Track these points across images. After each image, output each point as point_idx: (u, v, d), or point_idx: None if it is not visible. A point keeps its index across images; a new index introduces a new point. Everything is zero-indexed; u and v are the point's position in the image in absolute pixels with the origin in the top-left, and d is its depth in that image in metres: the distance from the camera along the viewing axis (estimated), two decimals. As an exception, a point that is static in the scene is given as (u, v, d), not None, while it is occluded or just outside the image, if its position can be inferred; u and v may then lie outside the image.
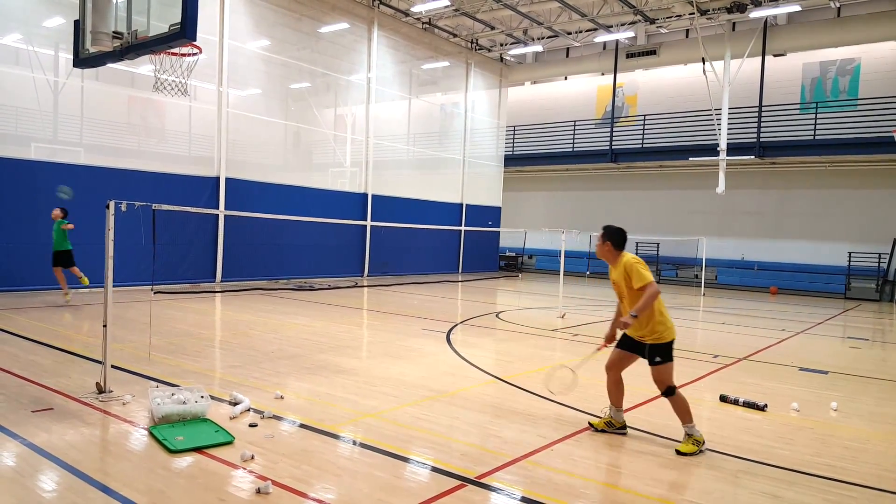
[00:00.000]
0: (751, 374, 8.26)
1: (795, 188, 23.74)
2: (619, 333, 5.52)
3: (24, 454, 4.44)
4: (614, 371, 5.53)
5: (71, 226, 11.79)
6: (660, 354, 5.16)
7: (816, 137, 22.14)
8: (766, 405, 6.45)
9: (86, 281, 12.00)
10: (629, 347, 5.41)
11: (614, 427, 5.48)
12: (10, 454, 4.43)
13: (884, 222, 21.82)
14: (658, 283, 5.34)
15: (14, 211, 13.04)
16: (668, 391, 5.16)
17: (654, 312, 5.13)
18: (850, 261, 21.98)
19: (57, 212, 11.79)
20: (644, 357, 5.29)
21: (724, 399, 6.71)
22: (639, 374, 7.95)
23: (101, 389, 5.92)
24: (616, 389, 5.51)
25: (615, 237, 5.36)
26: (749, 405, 6.49)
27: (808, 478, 4.63)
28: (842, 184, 22.76)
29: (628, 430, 5.52)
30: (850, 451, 5.29)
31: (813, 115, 22.52)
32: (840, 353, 10.84)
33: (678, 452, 4.99)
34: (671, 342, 5.20)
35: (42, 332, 8.94)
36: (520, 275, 27.15)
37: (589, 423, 5.63)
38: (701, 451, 5.01)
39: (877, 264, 21.67)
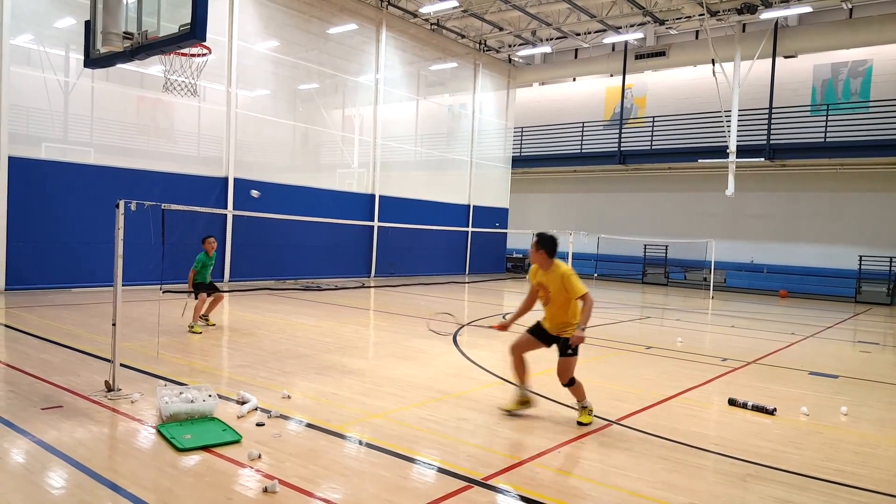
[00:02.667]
0: (760, 378, 8.21)
1: (806, 191, 23.60)
2: (514, 326, 6.25)
3: (33, 451, 4.46)
4: (518, 352, 6.02)
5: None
6: (573, 348, 5.65)
7: (827, 140, 22.00)
8: (775, 409, 6.41)
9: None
10: (540, 337, 5.90)
11: (526, 405, 5.98)
12: (20, 451, 4.46)
13: (895, 226, 21.66)
14: (667, 285, 5.46)
15: (25, 210, 13.13)
16: (570, 382, 5.69)
17: (573, 310, 5.65)
18: (860, 264, 21.82)
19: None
20: (549, 346, 5.85)
21: (732, 403, 6.68)
22: (642, 377, 7.94)
23: (109, 388, 5.94)
24: (520, 367, 6.00)
25: (549, 246, 5.81)
26: (758, 409, 6.45)
27: (817, 482, 4.59)
28: (853, 187, 22.61)
29: (537, 404, 5.87)
30: (860, 456, 5.25)
31: (824, 118, 22.38)
32: (850, 357, 10.77)
33: (579, 423, 5.62)
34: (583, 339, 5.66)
35: (52, 331, 8.99)
36: (527, 276, 27.07)
37: (504, 410, 5.96)
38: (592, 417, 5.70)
39: (888, 268, 21.50)
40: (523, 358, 6.00)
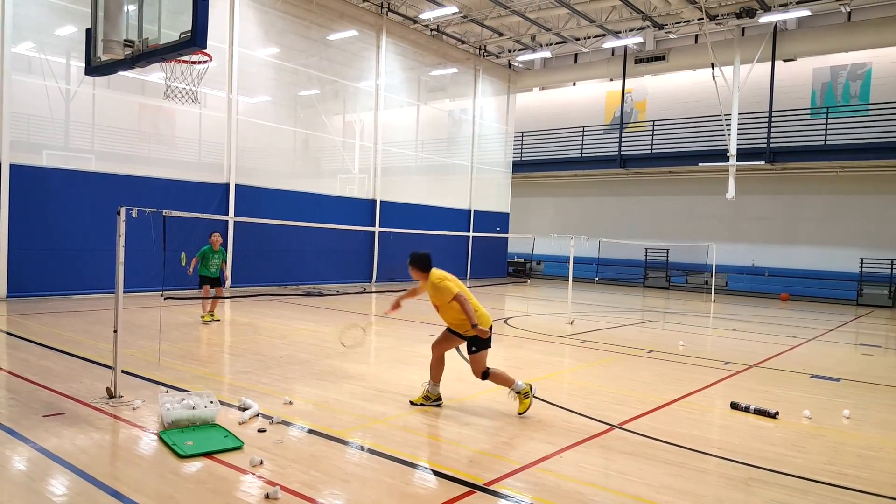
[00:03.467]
0: (762, 382, 8.20)
1: (806, 194, 23.61)
2: (402, 305, 6.77)
3: (35, 458, 4.46)
4: (439, 349, 6.25)
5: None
6: (475, 344, 5.97)
7: (827, 143, 22.01)
8: (777, 413, 6.40)
9: None
10: (456, 334, 6.17)
11: (431, 400, 6.21)
12: (22, 459, 4.46)
13: (896, 228, 21.67)
14: (668, 289, 5.42)
15: (26, 218, 13.15)
16: (485, 375, 5.99)
17: (462, 311, 5.87)
18: (862, 267, 21.80)
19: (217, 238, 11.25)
20: (464, 341, 6.10)
21: (734, 406, 6.66)
22: (644, 381, 7.93)
23: (111, 394, 5.94)
24: (437, 366, 6.23)
25: (419, 264, 6.27)
26: (760, 412, 6.44)
27: (820, 486, 4.58)
28: (853, 189, 22.61)
29: (443, 405, 5.99)
30: (863, 459, 5.24)
31: (824, 121, 22.40)
32: (852, 360, 10.75)
33: (520, 414, 5.92)
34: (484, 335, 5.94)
35: (53, 338, 9.00)
36: (528, 281, 27.10)
37: (410, 401, 6.27)
38: (530, 395, 5.95)
39: (889, 270, 21.49)
40: (442, 356, 6.26)
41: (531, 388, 6.03)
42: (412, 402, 6.24)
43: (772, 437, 5.75)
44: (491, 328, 6.09)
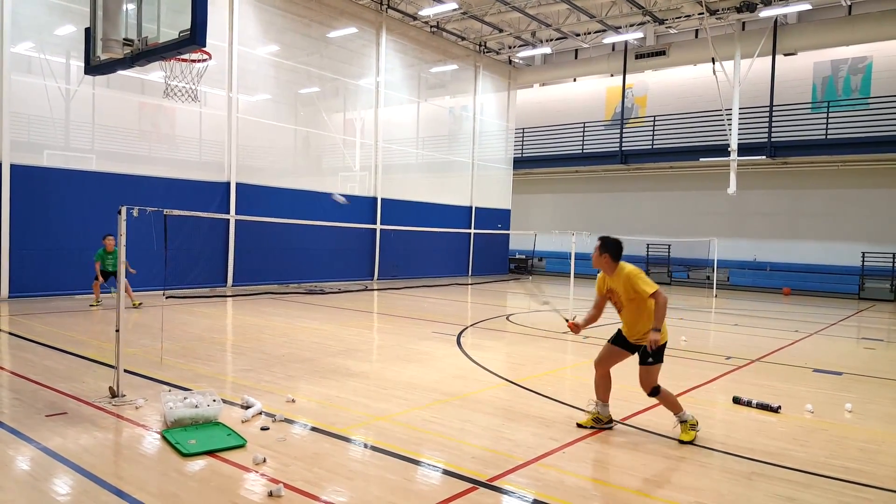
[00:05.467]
0: (764, 376, 8.20)
1: (808, 188, 23.56)
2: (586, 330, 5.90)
3: (38, 458, 4.47)
4: (603, 366, 5.69)
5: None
6: (652, 355, 5.26)
7: (828, 137, 21.97)
8: (779, 407, 6.40)
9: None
10: (622, 345, 5.57)
11: (602, 423, 5.61)
12: (25, 458, 4.47)
13: (898, 222, 21.64)
14: (670, 284, 5.36)
15: (28, 218, 13.16)
16: (654, 391, 5.32)
17: (648, 313, 5.26)
18: (863, 261, 21.77)
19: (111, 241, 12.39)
20: (633, 353, 5.50)
21: (737, 401, 6.66)
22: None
23: (114, 394, 5.95)
24: (603, 384, 5.66)
25: (612, 250, 5.43)
26: (762, 407, 6.44)
27: (823, 480, 4.58)
28: (855, 183, 22.57)
29: (616, 426, 5.49)
30: (866, 453, 5.24)
31: (825, 115, 22.35)
32: (854, 354, 10.74)
33: (681, 442, 5.20)
34: (664, 345, 5.30)
35: (56, 338, 9.01)
36: (530, 277, 27.10)
37: (577, 423, 5.68)
38: (698, 431, 5.29)
39: (891, 264, 21.44)
40: (608, 373, 5.65)
41: (697, 423, 5.35)
42: (579, 425, 5.60)
43: (774, 431, 5.75)
44: (665, 344, 5.33)
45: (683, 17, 22.40)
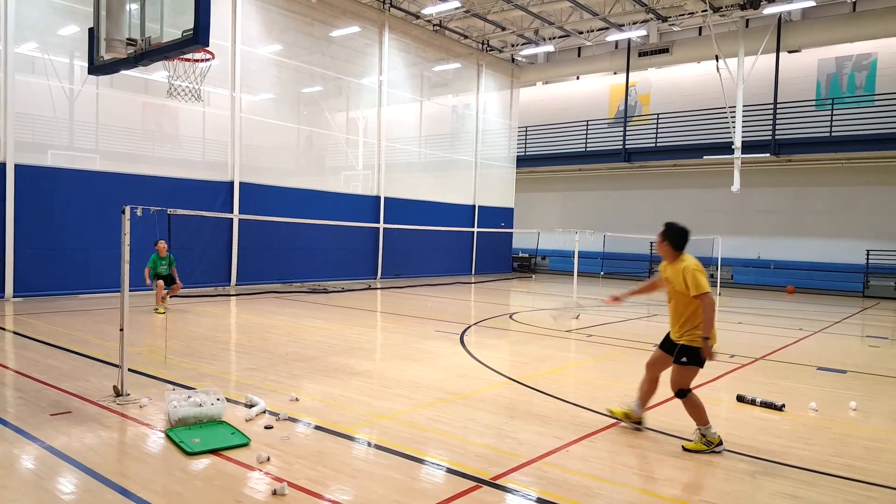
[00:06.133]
0: (768, 374, 8.18)
1: (812, 186, 23.49)
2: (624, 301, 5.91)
3: (43, 457, 4.48)
4: (651, 370, 5.53)
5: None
6: (687, 356, 5.10)
7: (833, 134, 21.90)
8: (783, 405, 6.39)
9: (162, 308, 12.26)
10: (668, 348, 5.38)
11: (630, 420, 5.55)
12: (30, 457, 4.49)
13: (902, 219, 21.56)
14: None
15: (32, 218, 13.20)
16: (680, 393, 5.16)
17: (694, 311, 5.08)
18: (868, 258, 21.71)
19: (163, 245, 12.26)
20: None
21: (741, 399, 6.65)
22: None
23: (118, 393, 5.97)
24: (648, 388, 5.51)
25: (674, 238, 5.27)
26: (766, 405, 6.43)
27: (827, 478, 4.57)
28: (859, 181, 22.49)
29: (644, 430, 5.48)
30: (870, 451, 5.22)
31: (829, 112, 22.28)
32: (858, 352, 10.71)
33: (683, 448, 5.04)
34: (700, 349, 5.08)
35: (60, 337, 9.04)
36: (533, 276, 27.08)
37: (609, 410, 5.72)
38: (712, 451, 4.97)
39: (896, 262, 21.41)
40: (656, 379, 5.48)
41: (720, 443, 5.02)
42: (610, 412, 5.65)
43: (778, 429, 5.74)
44: (712, 355, 5.12)
45: (687, 14, 22.36)
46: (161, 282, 11.98)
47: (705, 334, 4.96)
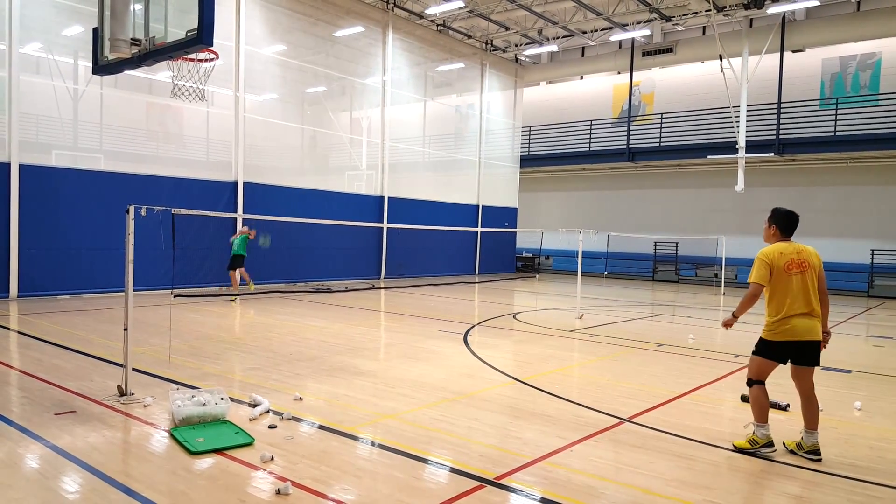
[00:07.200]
0: (773, 374, 8.13)
1: (816, 185, 23.43)
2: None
3: (47, 456, 4.49)
4: (794, 383, 5.12)
5: (252, 233, 14.78)
6: (757, 345, 5.20)
7: (837, 133, 21.84)
8: (788, 405, 6.37)
9: (251, 287, 14.14)
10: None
11: (803, 450, 4.95)
12: (34, 456, 4.49)
13: (907, 219, 21.48)
14: (678, 282, 5.24)
15: (36, 218, 13.23)
16: (749, 382, 5.19)
17: (770, 307, 5.10)
18: (872, 258, 21.64)
19: (245, 228, 14.62)
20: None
21: (745, 399, 6.63)
22: (654, 374, 7.90)
23: (122, 392, 5.98)
24: (802, 405, 5.06)
25: (780, 221, 5.34)
26: (771, 405, 6.39)
27: (832, 478, 4.56)
28: (864, 180, 22.42)
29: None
30: (875, 451, 5.20)
31: (833, 111, 22.22)
32: (863, 351, 10.68)
33: (734, 446, 5.06)
34: (767, 342, 5.09)
35: (64, 337, 9.06)
36: (537, 275, 27.06)
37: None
38: (757, 452, 4.93)
39: (901, 261, 21.33)
40: (801, 392, 5.06)
41: (770, 444, 4.93)
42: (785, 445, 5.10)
43: (783, 429, 5.72)
44: (770, 343, 5.03)
45: (691, 14, 22.32)
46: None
47: (735, 312, 5.23)
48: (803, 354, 4.95)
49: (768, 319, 5.08)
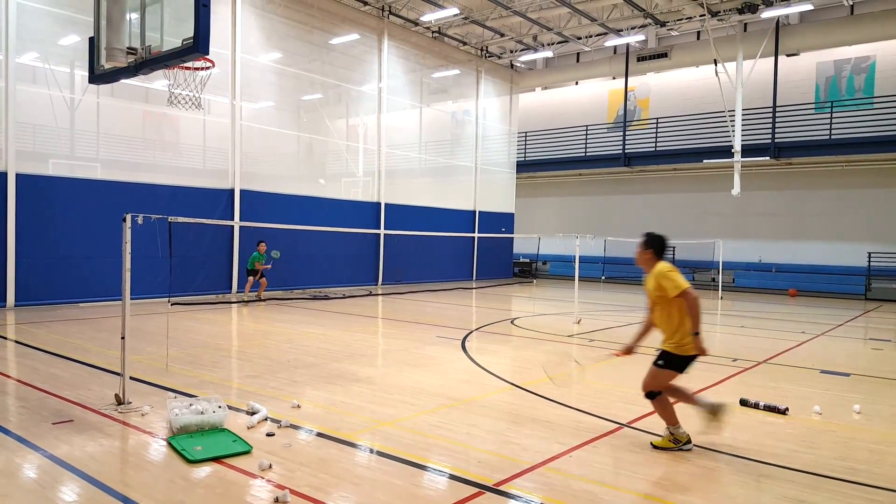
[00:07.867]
0: (771, 378, 8.16)
1: (812, 189, 23.50)
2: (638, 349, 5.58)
3: (45, 466, 4.48)
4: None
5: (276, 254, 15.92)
6: (665, 360, 5.10)
7: (832, 137, 21.93)
8: (787, 409, 6.37)
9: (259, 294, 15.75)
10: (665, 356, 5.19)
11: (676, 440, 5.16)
12: (32, 466, 4.48)
13: (903, 221, 21.55)
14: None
15: (33, 226, 13.21)
16: (649, 395, 5.21)
17: (677, 315, 5.05)
18: (869, 261, 21.70)
19: (263, 246, 15.52)
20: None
21: (744, 403, 6.64)
22: (657, 378, 7.90)
23: (120, 401, 5.96)
24: (678, 396, 5.29)
25: (654, 245, 5.27)
26: (770, 409, 6.41)
27: (831, 482, 4.56)
28: (860, 183, 22.50)
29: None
30: (875, 455, 5.20)
31: (828, 115, 22.32)
32: (862, 354, 10.69)
33: (652, 445, 5.16)
34: (684, 357, 5.07)
35: (61, 346, 9.04)
36: (534, 281, 27.07)
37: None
38: (680, 449, 5.07)
39: (897, 264, 21.39)
40: (674, 388, 5.23)
41: (688, 441, 5.09)
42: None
43: (782, 433, 5.73)
44: (685, 358, 5.04)
45: (685, 19, 22.41)
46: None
47: (694, 329, 4.94)
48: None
49: (678, 338, 5.06)
